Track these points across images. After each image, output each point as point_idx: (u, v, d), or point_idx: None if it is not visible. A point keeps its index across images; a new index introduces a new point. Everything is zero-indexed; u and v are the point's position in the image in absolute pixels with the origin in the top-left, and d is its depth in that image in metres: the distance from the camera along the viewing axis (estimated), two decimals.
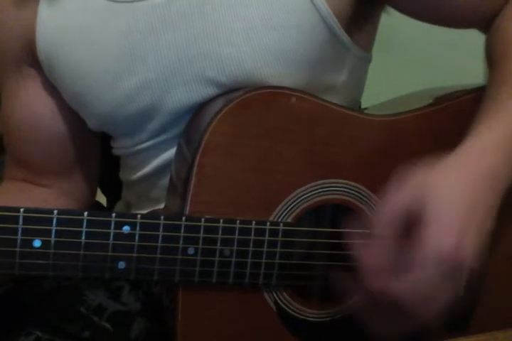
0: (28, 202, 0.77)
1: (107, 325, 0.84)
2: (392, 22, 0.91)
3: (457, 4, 0.86)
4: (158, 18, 0.80)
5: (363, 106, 0.97)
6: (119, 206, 0.99)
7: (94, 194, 0.98)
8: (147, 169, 0.87)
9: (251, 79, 0.79)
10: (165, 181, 0.84)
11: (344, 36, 0.83)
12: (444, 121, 0.84)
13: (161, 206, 0.86)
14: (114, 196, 1.02)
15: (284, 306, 0.80)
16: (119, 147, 0.90)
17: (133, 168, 0.90)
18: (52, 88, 0.88)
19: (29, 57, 0.86)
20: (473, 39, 0.90)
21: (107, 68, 0.81)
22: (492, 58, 0.84)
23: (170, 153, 0.84)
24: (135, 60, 0.81)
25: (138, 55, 0.80)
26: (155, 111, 0.83)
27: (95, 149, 0.96)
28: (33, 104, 0.89)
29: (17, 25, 0.85)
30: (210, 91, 0.80)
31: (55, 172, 0.92)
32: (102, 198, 1.06)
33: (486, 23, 0.87)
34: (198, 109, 0.81)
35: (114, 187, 1.00)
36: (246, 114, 0.76)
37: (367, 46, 0.90)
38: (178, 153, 0.81)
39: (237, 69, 0.79)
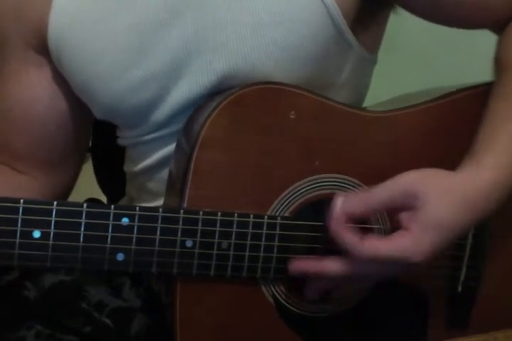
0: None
1: (108, 321, 0.85)
2: (395, 22, 0.91)
3: (467, 5, 0.85)
4: (168, 10, 0.81)
5: (363, 106, 0.98)
6: (124, 201, 0.99)
7: (69, 190, 0.97)
8: (148, 161, 0.88)
9: (256, 72, 0.80)
10: (165, 174, 0.85)
11: (349, 34, 0.84)
12: (442, 117, 0.85)
13: (162, 199, 0.86)
14: (114, 195, 1.02)
15: (282, 300, 0.80)
16: (124, 137, 0.91)
17: (135, 159, 0.91)
18: (54, 77, 0.89)
19: (39, 44, 0.87)
20: (477, 39, 0.90)
21: (116, 58, 0.82)
22: (499, 64, 0.85)
23: (172, 146, 0.85)
24: (143, 51, 0.82)
25: (146, 47, 0.82)
26: (160, 103, 0.84)
27: (82, 148, 0.96)
28: (32, 88, 0.89)
29: (31, 11, 0.86)
30: (214, 83, 0.81)
31: (34, 161, 0.92)
32: (102, 197, 1.07)
33: (498, 25, 0.87)
34: (198, 105, 0.82)
35: (114, 187, 1.01)
36: (244, 108, 0.77)
37: (372, 48, 0.91)
38: (178, 148, 0.82)
39: (242, 62, 0.80)
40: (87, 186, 0.99)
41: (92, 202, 0.99)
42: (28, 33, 0.87)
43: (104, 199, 1.07)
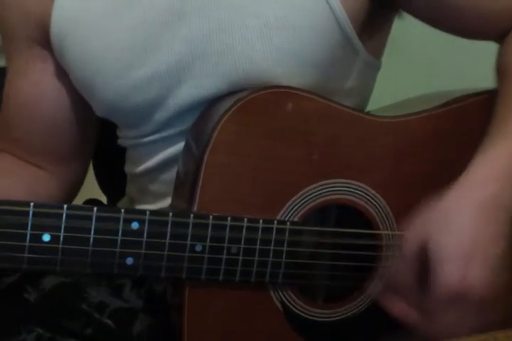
0: (20, 176, 0.83)
1: (109, 322, 0.84)
2: (398, 24, 0.91)
3: (468, 16, 0.86)
4: (173, 11, 0.80)
5: (366, 110, 0.97)
6: (124, 201, 0.99)
7: (79, 185, 0.97)
8: (150, 163, 0.87)
9: (262, 77, 0.79)
10: (167, 176, 0.85)
11: (355, 39, 0.83)
12: (450, 123, 0.85)
13: (163, 201, 0.86)
14: (114, 195, 1.02)
15: (290, 305, 0.80)
16: (124, 137, 0.90)
17: (136, 161, 0.90)
18: (59, 71, 0.88)
19: (41, 37, 0.86)
20: (481, 42, 0.90)
21: (119, 56, 0.81)
22: (500, 73, 0.85)
23: (173, 148, 0.84)
24: (147, 51, 0.81)
25: (150, 47, 0.81)
26: (162, 104, 0.83)
27: (90, 140, 0.96)
28: (39, 83, 0.89)
29: (34, 3, 0.85)
30: (220, 87, 0.80)
31: (45, 154, 0.92)
32: (102, 197, 1.06)
33: (501, 36, 0.87)
34: (207, 107, 0.81)
35: (114, 187, 1.00)
36: (254, 113, 0.77)
37: (377, 53, 0.90)
38: (186, 150, 0.81)
39: (249, 66, 0.79)
40: (87, 186, 0.98)
41: (92, 202, 0.99)
42: (31, 25, 0.86)
43: (104, 199, 1.06)
